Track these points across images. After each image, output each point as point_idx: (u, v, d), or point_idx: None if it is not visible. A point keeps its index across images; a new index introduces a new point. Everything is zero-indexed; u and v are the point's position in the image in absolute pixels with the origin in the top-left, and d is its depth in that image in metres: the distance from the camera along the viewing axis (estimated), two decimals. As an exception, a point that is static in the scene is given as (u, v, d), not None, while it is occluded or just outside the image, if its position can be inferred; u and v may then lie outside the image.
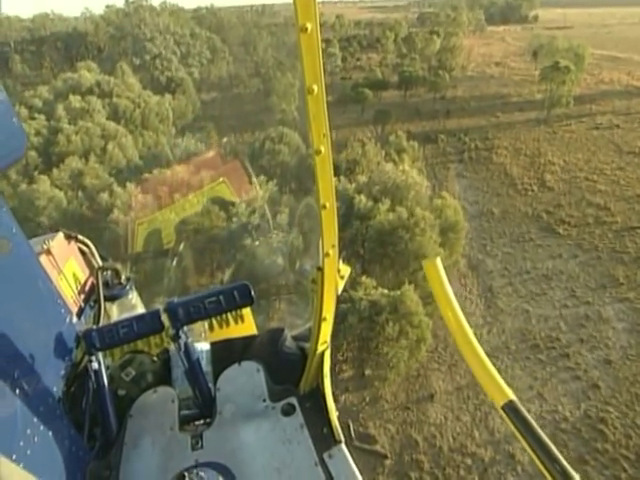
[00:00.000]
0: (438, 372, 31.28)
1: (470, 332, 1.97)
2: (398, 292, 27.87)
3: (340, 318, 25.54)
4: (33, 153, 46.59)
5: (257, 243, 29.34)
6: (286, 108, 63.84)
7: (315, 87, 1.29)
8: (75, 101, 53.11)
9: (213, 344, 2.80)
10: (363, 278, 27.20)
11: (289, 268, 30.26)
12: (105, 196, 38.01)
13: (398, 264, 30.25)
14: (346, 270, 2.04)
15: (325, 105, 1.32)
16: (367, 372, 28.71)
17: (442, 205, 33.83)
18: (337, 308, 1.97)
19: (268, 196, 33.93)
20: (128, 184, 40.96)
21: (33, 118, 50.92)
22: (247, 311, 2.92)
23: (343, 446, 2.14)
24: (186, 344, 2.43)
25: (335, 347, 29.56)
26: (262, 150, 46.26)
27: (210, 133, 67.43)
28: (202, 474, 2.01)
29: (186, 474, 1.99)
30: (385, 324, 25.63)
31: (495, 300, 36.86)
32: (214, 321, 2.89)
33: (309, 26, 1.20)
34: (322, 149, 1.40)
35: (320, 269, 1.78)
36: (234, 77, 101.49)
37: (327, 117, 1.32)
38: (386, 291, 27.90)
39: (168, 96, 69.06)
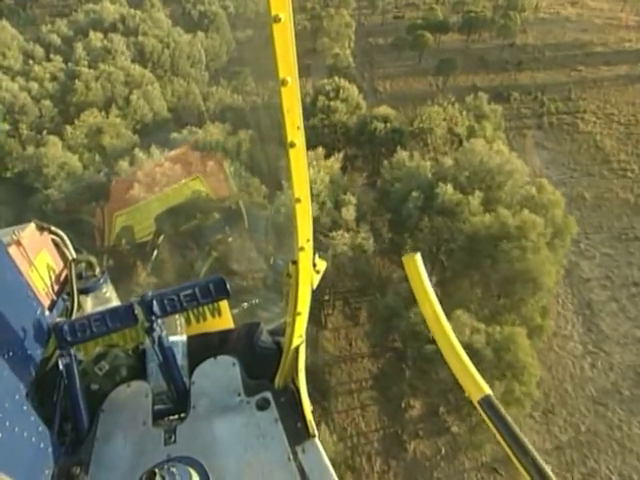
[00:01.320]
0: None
1: (448, 327, 1.91)
2: (498, 328, 20.28)
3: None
4: (48, 102, 39.01)
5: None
6: (340, 53, 53.35)
7: (289, 79, 1.23)
8: (96, 39, 44.40)
9: (190, 338, 2.66)
10: (458, 313, 19.48)
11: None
12: (125, 164, 30.57)
13: (496, 285, 22.47)
14: (322, 264, 1.89)
15: (299, 97, 1.25)
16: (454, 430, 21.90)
17: (548, 203, 25.15)
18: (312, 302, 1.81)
19: (329, 178, 25.80)
20: (153, 147, 33.34)
21: (49, 60, 42.75)
22: (224, 305, 2.78)
23: (316, 440, 2.06)
24: (160, 338, 2.32)
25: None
26: (314, 108, 37.40)
27: (246, 80, 58.00)
28: (173, 469, 1.92)
29: (157, 470, 1.87)
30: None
31: (597, 321, 28.79)
32: (191, 315, 2.76)
33: (282, 16, 1.13)
34: (296, 142, 1.34)
35: (295, 263, 1.67)
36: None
37: (301, 109, 1.26)
38: (482, 325, 20.36)
39: (200, 34, 59.00)
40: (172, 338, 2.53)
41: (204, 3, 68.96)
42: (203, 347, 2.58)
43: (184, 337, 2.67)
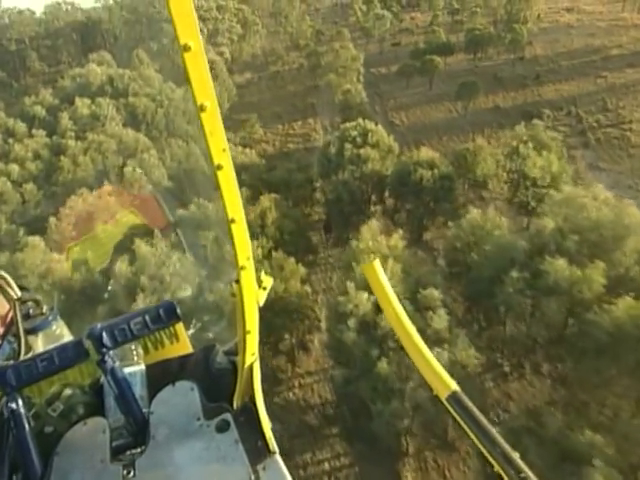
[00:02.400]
0: None
1: (412, 328, 1.90)
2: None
3: None
4: (31, 186, 32.18)
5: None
6: (351, 88, 46.50)
7: (207, 103, 1.19)
8: (83, 106, 37.85)
9: (148, 367, 2.45)
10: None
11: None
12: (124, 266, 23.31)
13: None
14: (269, 281, 1.82)
15: (220, 120, 1.23)
16: None
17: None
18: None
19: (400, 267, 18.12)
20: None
21: (31, 136, 36.08)
22: (181, 330, 2.50)
23: (277, 457, 2.00)
24: (114, 370, 2.15)
25: None
26: (341, 158, 30.28)
27: (254, 128, 51.44)
28: None
29: None
30: None
31: None
32: (148, 343, 2.48)
33: (192, 44, 1.10)
34: (223, 164, 1.30)
35: (238, 282, 1.62)
36: (269, 53, 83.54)
37: (224, 131, 1.25)
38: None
39: (198, 84, 52.78)
40: (129, 369, 2.33)
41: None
42: (162, 375, 2.36)
43: (142, 366, 2.41)
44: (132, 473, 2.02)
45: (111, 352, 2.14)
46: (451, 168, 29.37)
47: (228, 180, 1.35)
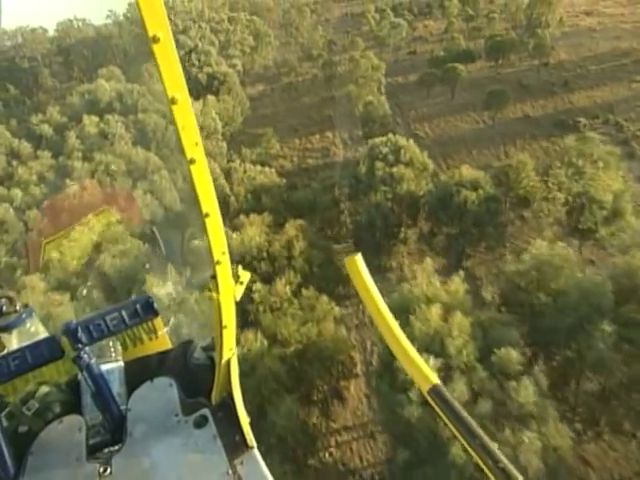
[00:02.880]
0: None
1: (394, 323, 1.88)
2: None
3: None
4: (35, 212, 29.23)
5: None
6: (374, 100, 43.16)
7: (178, 96, 1.16)
8: (91, 124, 35.05)
9: (127, 363, 2.41)
10: None
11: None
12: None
13: None
14: (245, 276, 1.78)
15: (192, 113, 1.20)
16: None
17: None
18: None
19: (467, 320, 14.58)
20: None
21: (36, 157, 33.27)
22: (160, 325, 2.50)
23: (255, 451, 1.98)
24: (90, 366, 2.10)
25: None
26: (372, 178, 26.86)
27: (270, 142, 48.34)
28: None
29: None
30: None
31: None
32: (126, 339, 2.45)
33: (161, 35, 1.07)
34: (196, 158, 1.27)
35: (214, 277, 1.59)
36: (281, 64, 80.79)
37: (196, 125, 1.23)
38: None
39: (211, 98, 49.79)
40: (107, 365, 2.28)
41: (211, 64, 60.51)
42: (141, 371, 2.30)
43: (120, 363, 2.36)
44: (108, 470, 1.93)
45: (87, 348, 2.01)
46: (496, 189, 25.80)
47: (201, 174, 1.30)
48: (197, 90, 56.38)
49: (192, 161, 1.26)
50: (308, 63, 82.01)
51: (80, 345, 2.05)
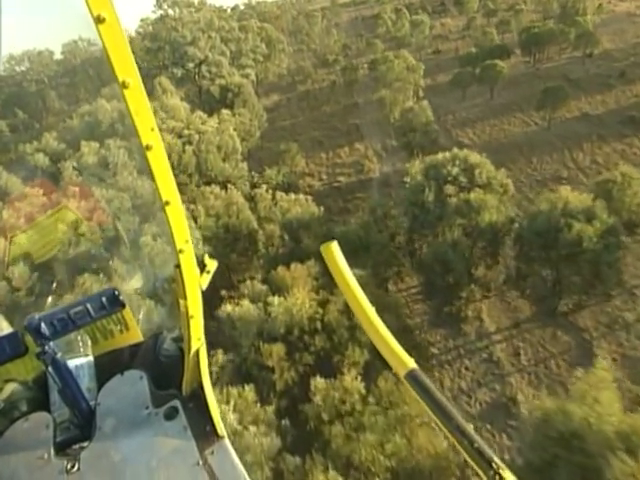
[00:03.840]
0: None
1: (370, 308, 1.85)
2: None
3: None
4: (20, 267, 23.25)
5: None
6: (415, 106, 36.37)
7: (130, 80, 1.09)
8: (89, 152, 29.10)
9: (97, 357, 2.33)
10: None
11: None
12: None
13: None
14: (212, 264, 1.74)
15: (146, 97, 1.13)
16: None
17: None
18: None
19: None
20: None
21: (24, 196, 27.40)
22: (130, 318, 2.38)
23: (226, 441, 1.93)
24: (55, 361, 1.98)
25: None
26: (442, 209, 20.06)
27: (294, 160, 42.00)
28: None
29: None
30: None
31: None
32: (97, 333, 2.35)
33: (105, 15, 1.00)
34: (152, 144, 1.20)
35: (178, 266, 1.52)
36: (295, 72, 74.66)
37: (151, 110, 1.16)
38: None
39: (225, 112, 43.55)
40: (76, 360, 2.21)
41: (224, 76, 54.56)
42: (112, 365, 2.22)
43: (90, 357, 2.28)
44: (76, 467, 1.88)
45: (52, 343, 1.95)
46: (613, 217, 18.97)
47: (159, 160, 1.23)
48: (210, 104, 50.43)
49: (148, 147, 1.17)
50: (324, 70, 75.71)
51: (44, 340, 1.89)
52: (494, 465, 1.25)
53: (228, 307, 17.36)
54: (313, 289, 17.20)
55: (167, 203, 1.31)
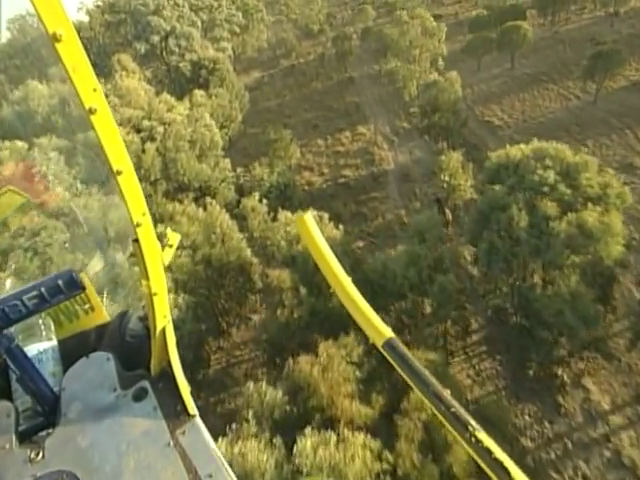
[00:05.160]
0: None
1: (346, 279, 1.76)
2: None
3: None
4: None
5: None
6: (441, 81, 27.70)
7: (62, 31, 0.97)
8: (12, 155, 20.30)
9: (62, 341, 2.21)
10: None
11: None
12: None
13: None
14: (175, 237, 1.63)
15: (82, 51, 1.00)
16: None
17: None
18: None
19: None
20: None
21: None
22: (95, 299, 2.27)
23: (197, 420, 1.84)
24: (11, 350, 1.87)
25: None
26: (536, 231, 12.66)
27: (289, 150, 33.41)
28: None
29: None
30: None
31: None
32: (60, 315, 2.23)
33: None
34: (97, 106, 1.06)
35: (136, 241, 1.41)
36: (277, 45, 64.91)
37: (90, 66, 1.04)
38: None
39: (198, 93, 34.45)
40: (38, 345, 2.11)
41: (195, 50, 44.92)
42: (78, 347, 2.10)
43: (53, 341, 2.17)
44: (40, 455, 1.78)
45: (6, 331, 1.84)
46: None
47: (105, 125, 1.10)
48: (180, 84, 41.07)
49: (92, 111, 1.04)
50: (309, 41, 66.04)
51: None
52: (470, 428, 1.22)
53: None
54: (365, 421, 9.51)
55: (119, 172, 1.16)
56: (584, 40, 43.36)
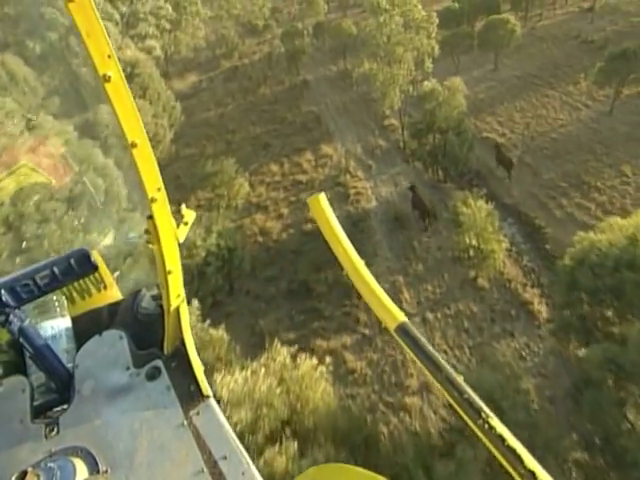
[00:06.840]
0: None
1: (359, 261, 1.71)
2: None
3: None
4: None
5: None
6: (437, 88, 19.68)
7: None
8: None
9: (75, 318, 2.14)
10: None
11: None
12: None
13: None
14: (190, 215, 1.59)
15: (98, 14, 0.96)
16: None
17: None
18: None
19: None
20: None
21: None
22: (107, 276, 2.20)
23: (211, 400, 1.79)
24: (23, 329, 1.82)
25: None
26: None
27: (233, 187, 23.92)
28: (51, 464, 1.55)
29: (30, 469, 1.53)
30: None
31: None
32: (74, 293, 2.19)
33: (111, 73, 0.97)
34: (111, 73, 1.01)
35: (150, 217, 1.35)
36: (217, 44, 54.96)
37: (105, 32, 0.99)
38: None
39: (106, 108, 24.51)
40: (52, 322, 2.05)
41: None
42: (92, 325, 2.06)
43: (67, 319, 2.10)
44: (56, 430, 1.76)
45: (17, 311, 1.79)
46: None
47: (120, 93, 1.05)
48: (83, 95, 30.65)
49: (107, 78, 0.99)
50: (253, 39, 56.50)
51: (7, 309, 1.73)
52: (483, 414, 1.18)
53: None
54: None
55: (134, 145, 1.12)
56: (567, 38, 37.49)
